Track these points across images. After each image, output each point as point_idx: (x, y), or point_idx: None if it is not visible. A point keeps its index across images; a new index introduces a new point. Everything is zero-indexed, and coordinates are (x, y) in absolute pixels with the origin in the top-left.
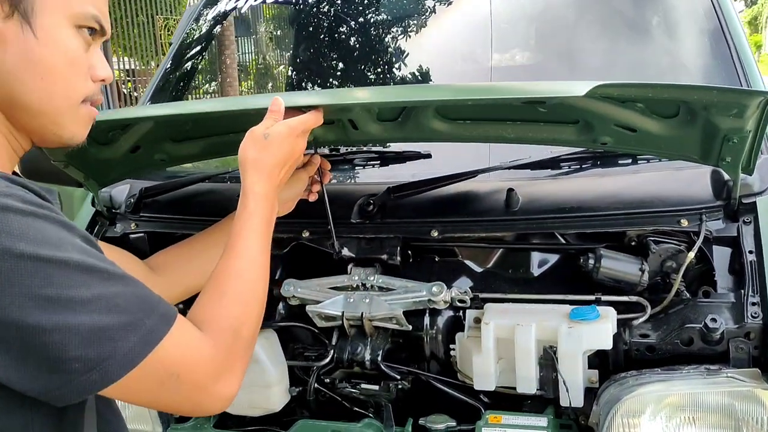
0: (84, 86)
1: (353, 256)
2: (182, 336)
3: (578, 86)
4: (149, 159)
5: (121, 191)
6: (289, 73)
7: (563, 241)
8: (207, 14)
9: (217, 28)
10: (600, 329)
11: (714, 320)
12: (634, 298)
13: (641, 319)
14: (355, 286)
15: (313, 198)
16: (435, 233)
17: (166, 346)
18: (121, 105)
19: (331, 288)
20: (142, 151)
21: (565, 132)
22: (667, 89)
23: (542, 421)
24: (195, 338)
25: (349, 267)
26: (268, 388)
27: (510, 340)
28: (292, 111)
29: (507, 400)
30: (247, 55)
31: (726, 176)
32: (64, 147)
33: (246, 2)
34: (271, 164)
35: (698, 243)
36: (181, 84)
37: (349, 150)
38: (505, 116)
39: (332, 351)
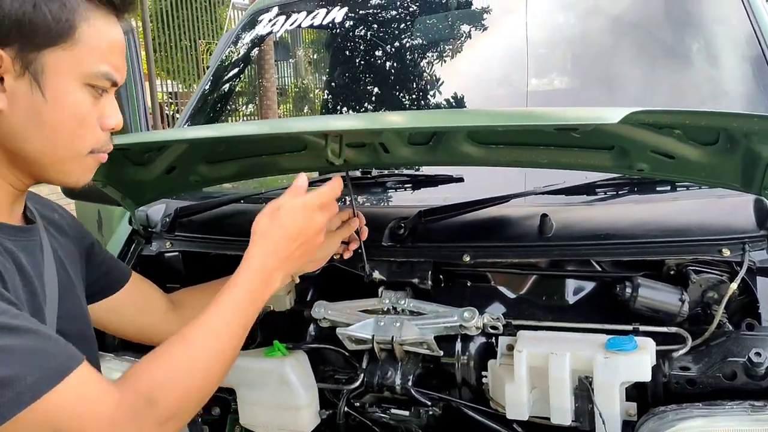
0: (91, 139)
1: (384, 279)
2: (78, 389)
3: (612, 113)
4: (184, 180)
5: (157, 210)
6: (325, 96)
7: (599, 268)
8: (245, 37)
9: (255, 51)
10: (638, 360)
11: (759, 354)
12: (673, 329)
13: (681, 351)
14: (385, 309)
15: (348, 255)
16: (467, 258)
17: (52, 400)
18: (164, 126)
19: (361, 311)
20: (177, 172)
21: (600, 158)
22: (705, 116)
23: None
24: (96, 391)
25: (380, 290)
26: (298, 410)
27: (544, 368)
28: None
29: (541, 431)
30: (285, 78)
31: None
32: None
33: (282, 27)
34: (279, 236)
35: (741, 273)
36: (219, 106)
37: (380, 173)
38: (538, 141)
39: (362, 374)
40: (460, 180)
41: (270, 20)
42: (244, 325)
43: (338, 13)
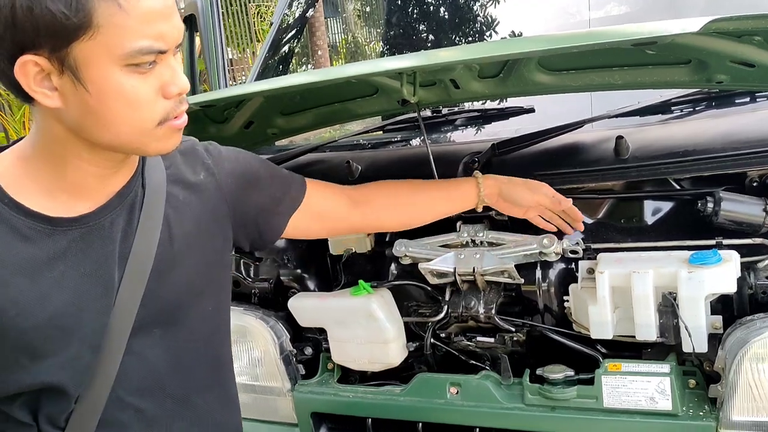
0: (153, 113)
1: (461, 213)
2: None
3: (691, 23)
4: (262, 133)
5: None
6: (381, 47)
7: (678, 187)
8: None
9: (310, 11)
10: (722, 273)
11: None
12: (758, 240)
13: (767, 262)
14: (464, 243)
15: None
16: None
17: None
18: None
19: (441, 246)
20: (255, 126)
21: (677, 73)
22: None
23: (664, 367)
24: None
25: (458, 224)
26: (386, 344)
27: (626, 288)
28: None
29: (626, 349)
30: (336, 35)
31: None
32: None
33: None
34: None
35: None
36: (280, 67)
37: (451, 110)
38: (611, 63)
39: (446, 306)
40: (531, 111)
41: None
42: None
43: None
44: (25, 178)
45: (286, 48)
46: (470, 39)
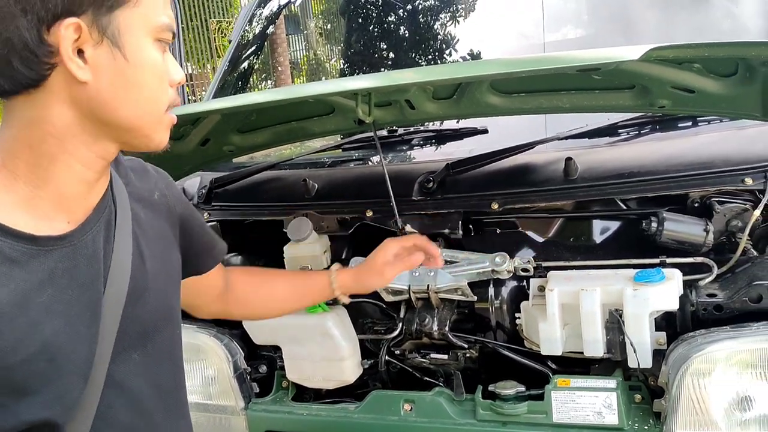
0: (167, 95)
1: (416, 231)
2: None
3: (632, 50)
4: (218, 150)
5: (193, 183)
6: (341, 64)
7: (624, 207)
8: (260, 14)
9: (271, 28)
10: (666, 290)
11: None
12: (699, 259)
13: (708, 279)
14: None
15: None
16: (495, 206)
17: None
18: None
19: None
20: (211, 143)
21: (622, 98)
22: (723, 47)
23: (611, 382)
24: None
25: None
26: (342, 361)
27: (575, 305)
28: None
29: (575, 365)
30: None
31: None
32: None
33: None
34: None
35: (764, 200)
36: (239, 83)
37: (406, 130)
38: (559, 86)
39: (401, 323)
40: (485, 131)
41: None
42: None
43: None
44: None
45: (245, 64)
46: (429, 58)
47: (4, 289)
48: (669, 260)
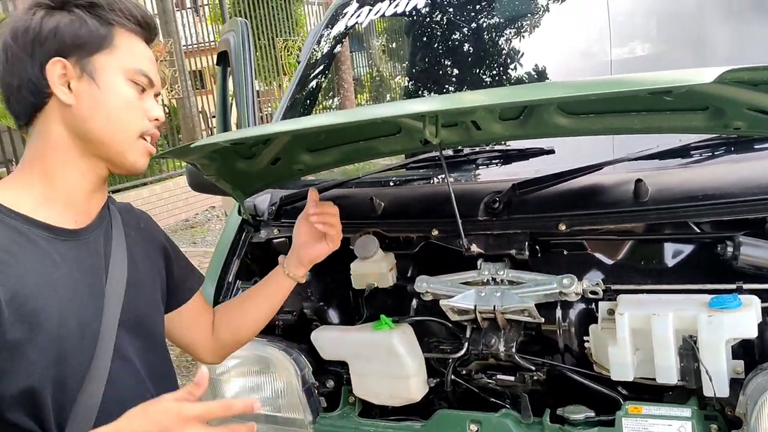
0: (140, 124)
1: (482, 252)
2: None
3: (706, 73)
4: (288, 169)
5: (264, 200)
6: (405, 82)
7: (697, 230)
8: (328, 35)
9: (338, 48)
10: (743, 317)
11: None
12: None
13: None
14: (485, 280)
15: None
16: (563, 227)
17: None
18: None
19: (462, 283)
20: (281, 162)
21: (694, 119)
22: None
23: (686, 411)
24: None
25: (479, 263)
26: (407, 379)
27: (646, 330)
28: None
29: (646, 392)
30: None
31: None
32: (129, 174)
33: (366, 18)
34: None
35: None
36: (307, 102)
37: (472, 150)
38: (630, 107)
39: (467, 343)
40: (551, 152)
41: (354, 13)
42: None
43: None
44: (20, 190)
45: (313, 83)
46: (493, 76)
47: (28, 263)
48: (746, 286)
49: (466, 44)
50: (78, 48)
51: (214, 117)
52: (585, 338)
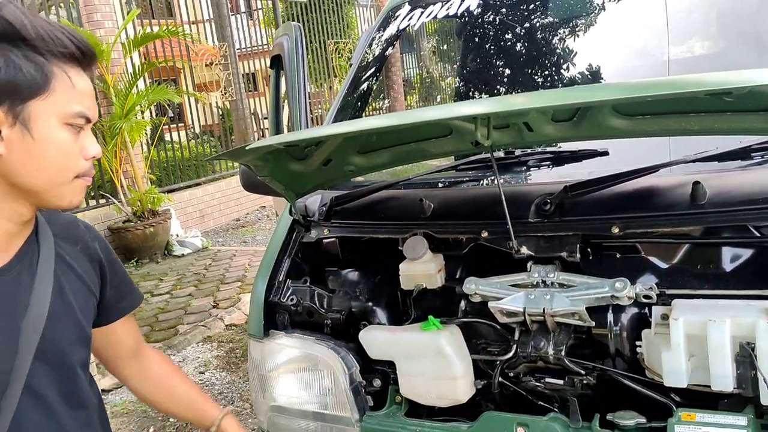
0: (76, 166)
1: (532, 254)
2: None
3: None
4: (340, 170)
5: (315, 201)
6: (456, 83)
7: (758, 234)
8: (379, 37)
9: (389, 50)
10: None
11: None
12: None
13: None
14: (535, 283)
15: None
16: (616, 229)
17: None
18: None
19: (511, 285)
20: (333, 163)
21: (756, 120)
22: None
23: (741, 420)
24: None
25: (529, 265)
26: (454, 380)
27: (702, 336)
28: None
29: (700, 399)
30: (410, 70)
31: None
32: (63, 210)
33: (418, 20)
34: None
35: None
36: (358, 104)
37: (524, 151)
38: (688, 109)
39: (515, 346)
40: (605, 153)
41: (406, 15)
42: None
43: (472, 1)
44: None
45: (364, 86)
46: (546, 76)
47: None
48: None
49: (518, 45)
50: (11, 94)
51: (266, 118)
52: (637, 343)
